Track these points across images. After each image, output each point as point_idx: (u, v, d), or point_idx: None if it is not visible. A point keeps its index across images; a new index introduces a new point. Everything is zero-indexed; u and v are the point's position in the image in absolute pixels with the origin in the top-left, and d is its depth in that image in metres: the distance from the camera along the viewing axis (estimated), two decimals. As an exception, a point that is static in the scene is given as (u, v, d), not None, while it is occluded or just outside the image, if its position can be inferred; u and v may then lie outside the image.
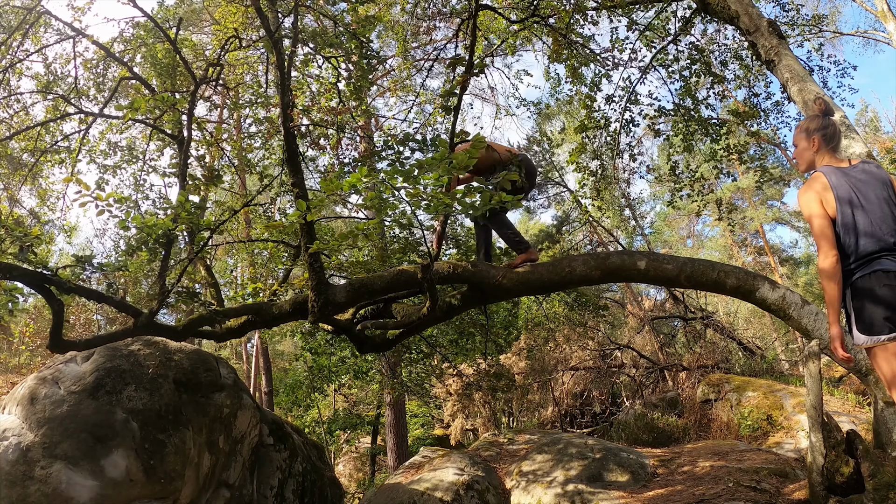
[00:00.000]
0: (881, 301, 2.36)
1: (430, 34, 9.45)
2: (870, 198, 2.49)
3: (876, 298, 2.37)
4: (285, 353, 23.43)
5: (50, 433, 3.88)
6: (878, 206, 2.48)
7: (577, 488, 5.74)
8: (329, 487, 6.00)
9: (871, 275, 2.39)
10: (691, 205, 8.95)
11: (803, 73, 5.23)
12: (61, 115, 6.89)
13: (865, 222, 2.45)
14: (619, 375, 12.30)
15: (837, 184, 2.52)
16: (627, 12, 7.48)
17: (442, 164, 2.48)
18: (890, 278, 2.36)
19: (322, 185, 2.61)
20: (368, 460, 14.92)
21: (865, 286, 2.40)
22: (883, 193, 2.51)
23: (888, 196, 2.52)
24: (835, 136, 2.70)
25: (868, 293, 2.39)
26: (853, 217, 2.47)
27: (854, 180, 2.53)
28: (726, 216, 9.62)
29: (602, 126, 8.36)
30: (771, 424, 7.97)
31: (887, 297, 2.35)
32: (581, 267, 4.28)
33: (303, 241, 3.81)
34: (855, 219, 2.46)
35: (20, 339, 10.60)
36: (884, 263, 2.38)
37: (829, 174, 2.56)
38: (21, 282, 3.29)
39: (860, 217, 2.46)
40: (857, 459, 3.69)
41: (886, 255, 2.40)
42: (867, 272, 2.40)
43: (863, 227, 2.45)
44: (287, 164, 3.83)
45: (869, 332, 2.37)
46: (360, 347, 4.70)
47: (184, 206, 3.15)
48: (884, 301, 2.35)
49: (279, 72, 3.70)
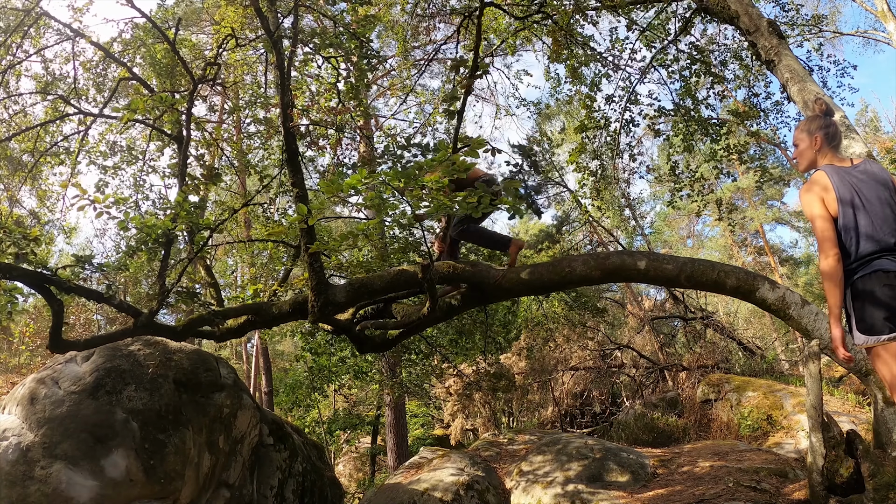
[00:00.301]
0: (881, 301, 2.36)
1: (430, 34, 9.46)
2: (871, 198, 2.49)
3: (876, 299, 2.37)
4: (285, 353, 23.43)
5: (50, 433, 3.88)
6: (879, 206, 2.48)
7: (577, 488, 5.74)
8: (329, 487, 6.00)
9: (871, 275, 2.39)
10: (691, 205, 8.95)
11: (803, 73, 5.23)
12: (61, 116, 6.89)
13: (866, 222, 2.45)
14: (619, 375, 12.30)
15: (839, 183, 2.52)
16: (627, 12, 7.48)
17: (443, 166, 2.49)
18: (890, 278, 2.36)
19: (322, 186, 2.61)
20: (368, 460, 14.92)
21: (866, 286, 2.40)
22: (884, 194, 2.51)
23: (889, 196, 2.52)
24: (836, 135, 2.70)
25: (868, 293, 2.40)
26: (854, 217, 2.46)
27: (855, 180, 2.53)
28: (726, 216, 9.62)
29: (602, 126, 8.36)
30: (771, 424, 7.97)
31: (887, 297, 2.35)
32: (581, 267, 4.28)
33: (303, 242, 3.81)
34: (856, 219, 2.46)
35: (20, 339, 10.60)
36: (884, 263, 2.38)
37: (830, 173, 2.56)
38: (21, 282, 3.29)
39: (861, 217, 2.46)
40: (857, 459, 3.69)
41: (887, 254, 2.40)
42: (867, 272, 2.40)
43: (864, 227, 2.45)
44: (287, 165, 3.83)
45: (869, 332, 2.38)
46: (360, 347, 4.70)
47: (182, 205, 3.15)
48: (884, 301, 2.36)
49: (279, 72, 3.70)
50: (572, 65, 7.24)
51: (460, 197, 2.64)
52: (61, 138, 7.42)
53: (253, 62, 7.93)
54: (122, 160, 7.61)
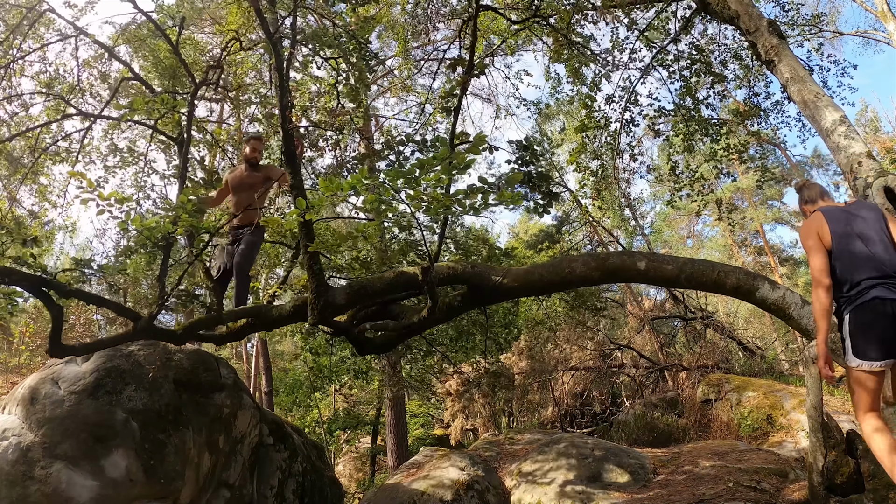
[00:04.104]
0: (876, 330, 2.52)
1: (430, 35, 9.45)
2: (865, 229, 2.69)
3: (872, 327, 2.53)
4: (285, 353, 23.42)
5: (50, 433, 3.88)
6: (874, 236, 2.67)
7: (578, 488, 5.74)
8: (329, 487, 6.00)
9: (868, 303, 2.55)
10: (691, 205, 8.95)
11: (803, 73, 5.23)
12: (62, 116, 6.89)
13: (862, 252, 2.63)
14: (619, 375, 12.30)
15: (834, 218, 2.75)
16: (628, 12, 7.48)
17: (442, 165, 2.48)
18: (886, 306, 2.51)
19: (322, 187, 2.60)
20: (368, 460, 14.92)
21: (864, 314, 2.55)
22: (877, 225, 2.71)
23: (883, 227, 2.72)
24: (815, 195, 3.01)
25: (862, 321, 2.55)
26: (849, 247, 2.66)
27: (850, 215, 2.76)
28: (726, 216, 9.62)
29: (602, 126, 8.35)
30: (771, 424, 7.98)
31: (882, 326, 2.51)
32: (581, 267, 4.28)
33: (302, 241, 3.80)
34: (851, 249, 2.65)
35: (20, 339, 10.61)
36: (881, 292, 2.53)
37: (825, 211, 2.81)
38: (19, 286, 3.28)
39: (856, 247, 2.64)
40: (857, 459, 3.69)
41: (883, 282, 2.55)
42: (865, 300, 2.56)
43: (859, 257, 2.63)
44: (286, 166, 3.82)
45: (863, 357, 2.55)
46: (361, 349, 4.70)
47: (184, 207, 3.14)
48: (878, 330, 2.52)
49: (278, 73, 3.70)
50: (572, 65, 7.25)
51: (461, 195, 2.64)
52: (61, 137, 7.42)
53: (256, 61, 7.93)
54: (123, 161, 7.61)
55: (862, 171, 4.31)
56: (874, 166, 4.31)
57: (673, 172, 8.46)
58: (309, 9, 6.12)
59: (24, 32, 6.43)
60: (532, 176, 4.11)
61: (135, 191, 7.47)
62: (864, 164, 4.34)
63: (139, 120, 5.20)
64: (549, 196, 4.12)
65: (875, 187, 4.13)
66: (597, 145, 8.63)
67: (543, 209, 4.18)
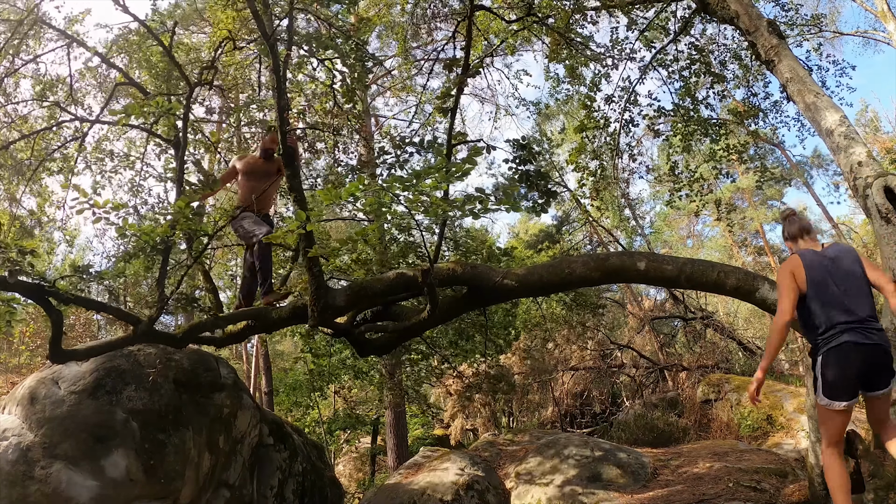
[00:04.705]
0: (844, 371, 2.69)
1: (430, 35, 9.45)
2: (841, 275, 2.83)
3: (840, 368, 2.70)
4: (285, 353, 23.41)
5: (50, 433, 3.88)
6: (848, 282, 2.81)
7: (578, 489, 5.74)
8: (329, 487, 6.00)
9: (840, 347, 2.70)
10: (691, 205, 8.94)
11: (803, 73, 5.22)
12: (57, 122, 6.85)
13: (836, 297, 2.77)
14: (619, 375, 12.31)
15: (811, 262, 2.88)
16: (627, 12, 7.47)
17: (440, 174, 2.50)
18: (856, 351, 2.67)
19: (321, 195, 2.61)
20: (368, 460, 14.92)
21: (835, 358, 2.71)
22: (854, 269, 2.85)
23: (857, 270, 2.85)
24: (798, 230, 3.13)
25: (833, 362, 2.71)
26: (825, 292, 2.80)
27: (826, 259, 2.89)
28: (726, 216, 9.62)
29: (602, 126, 8.35)
30: (771, 424, 7.98)
31: (851, 368, 2.68)
32: (581, 268, 4.28)
33: (301, 246, 3.80)
34: (826, 294, 2.79)
35: (20, 339, 10.60)
36: (853, 336, 2.69)
37: (803, 255, 2.96)
38: (19, 293, 3.27)
39: (831, 292, 2.79)
40: (857, 459, 3.69)
41: (855, 327, 2.70)
42: (836, 344, 2.72)
43: (834, 301, 2.77)
44: (285, 167, 3.82)
45: (830, 397, 2.73)
46: (361, 350, 4.69)
47: (183, 211, 3.13)
48: (846, 371, 2.69)
49: (275, 75, 3.69)
50: (571, 65, 7.24)
51: (459, 202, 2.65)
52: (59, 144, 7.39)
53: (251, 62, 7.92)
54: (120, 164, 7.60)
55: (862, 171, 4.30)
56: (874, 166, 4.31)
57: (672, 172, 8.45)
58: (305, 10, 6.10)
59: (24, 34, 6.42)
60: (530, 174, 4.10)
61: (131, 196, 7.46)
62: (864, 164, 4.33)
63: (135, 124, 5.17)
64: (548, 194, 4.11)
65: (875, 187, 4.12)
66: (596, 145, 8.62)
67: (542, 208, 4.17)
